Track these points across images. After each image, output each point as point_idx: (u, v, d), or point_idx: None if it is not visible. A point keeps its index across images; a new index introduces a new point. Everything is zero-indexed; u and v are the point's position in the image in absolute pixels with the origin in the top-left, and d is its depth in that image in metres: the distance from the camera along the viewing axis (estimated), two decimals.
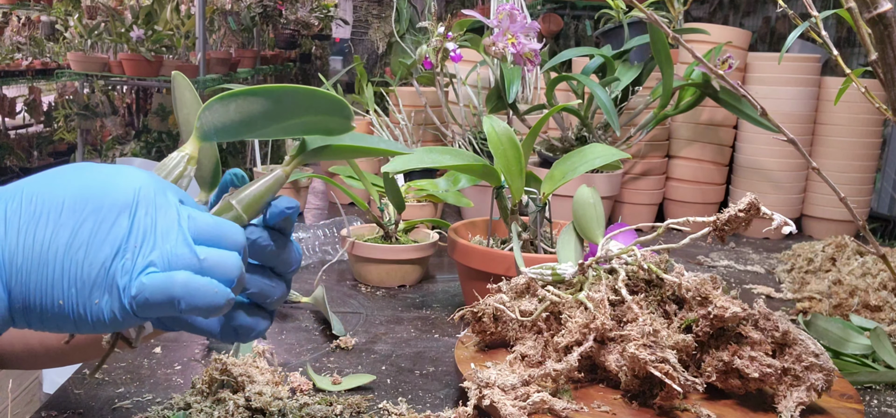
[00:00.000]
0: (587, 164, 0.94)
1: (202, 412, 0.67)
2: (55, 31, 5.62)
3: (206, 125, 0.47)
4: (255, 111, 0.47)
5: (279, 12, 5.45)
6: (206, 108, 0.47)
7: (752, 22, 3.75)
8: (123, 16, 3.75)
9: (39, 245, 0.40)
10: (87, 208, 0.40)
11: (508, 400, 0.62)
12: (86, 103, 4.25)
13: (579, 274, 0.75)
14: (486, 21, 1.23)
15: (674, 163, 1.64)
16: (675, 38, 0.79)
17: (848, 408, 0.66)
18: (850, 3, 0.66)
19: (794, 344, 0.65)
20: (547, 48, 1.80)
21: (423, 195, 1.37)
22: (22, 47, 5.33)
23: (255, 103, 0.47)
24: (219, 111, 0.47)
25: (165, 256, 0.41)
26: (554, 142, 1.52)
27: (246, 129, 0.48)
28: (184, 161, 0.48)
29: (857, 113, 1.53)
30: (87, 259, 0.40)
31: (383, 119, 1.58)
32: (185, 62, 3.77)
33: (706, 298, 0.67)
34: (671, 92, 1.41)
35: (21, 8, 5.02)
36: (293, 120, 0.48)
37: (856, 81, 0.77)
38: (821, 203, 1.58)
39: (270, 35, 5.67)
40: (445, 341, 0.93)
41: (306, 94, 0.47)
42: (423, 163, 0.93)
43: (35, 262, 0.40)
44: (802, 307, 1.05)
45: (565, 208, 1.24)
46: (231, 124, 0.47)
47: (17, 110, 5.67)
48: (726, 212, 0.68)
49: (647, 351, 0.62)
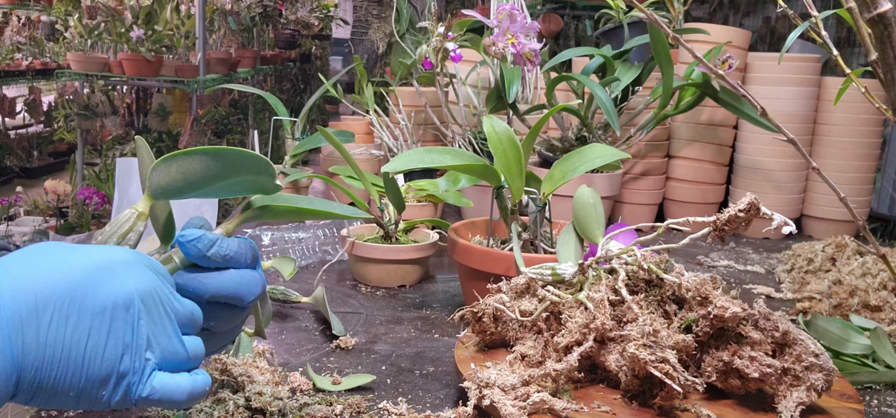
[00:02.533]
0: (587, 164, 0.94)
1: (202, 412, 0.67)
2: (55, 31, 5.61)
3: (154, 185, 0.51)
4: (195, 170, 0.51)
5: (279, 12, 5.45)
6: (154, 169, 0.51)
7: (752, 22, 3.74)
8: (123, 16, 3.75)
9: (58, 344, 0.43)
10: (88, 307, 0.44)
11: (508, 400, 0.62)
12: (86, 103, 4.25)
13: (579, 274, 0.75)
14: (486, 21, 1.23)
15: (674, 163, 1.64)
16: (675, 38, 0.79)
17: (848, 408, 0.66)
18: (850, 3, 0.66)
19: (794, 344, 0.65)
20: (547, 48, 1.80)
21: (423, 195, 1.37)
22: (22, 47, 5.33)
23: (194, 163, 0.50)
24: (163, 172, 0.51)
25: (164, 354, 0.47)
26: (554, 142, 1.52)
27: (188, 188, 0.52)
28: (133, 218, 0.52)
29: (857, 113, 1.53)
30: (102, 359, 0.44)
31: (383, 119, 1.58)
32: (185, 62, 3.77)
33: (706, 298, 0.67)
34: (671, 92, 1.41)
35: (21, 8, 5.02)
36: (230, 179, 0.52)
37: (856, 81, 0.77)
38: (821, 203, 1.58)
39: (270, 35, 5.67)
40: (445, 341, 0.93)
41: (237, 155, 0.50)
42: (424, 163, 0.93)
43: (52, 360, 0.43)
44: (802, 307, 1.05)
45: (565, 208, 1.24)
46: (174, 184, 0.51)
47: (17, 110, 5.67)
48: (726, 212, 0.68)
49: (647, 351, 0.62)
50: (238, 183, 0.53)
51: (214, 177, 0.51)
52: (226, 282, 0.52)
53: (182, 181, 0.51)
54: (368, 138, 1.78)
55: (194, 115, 3.84)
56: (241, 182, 0.53)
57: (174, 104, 4.81)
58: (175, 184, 0.51)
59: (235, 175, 0.52)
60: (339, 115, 2.27)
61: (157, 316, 0.46)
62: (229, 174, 0.51)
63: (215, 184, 0.52)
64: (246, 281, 0.53)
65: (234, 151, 0.50)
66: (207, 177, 0.51)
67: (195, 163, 0.50)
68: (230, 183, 0.52)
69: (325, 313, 0.95)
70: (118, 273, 0.45)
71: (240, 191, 0.54)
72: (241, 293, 0.52)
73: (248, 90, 1.81)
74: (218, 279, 0.52)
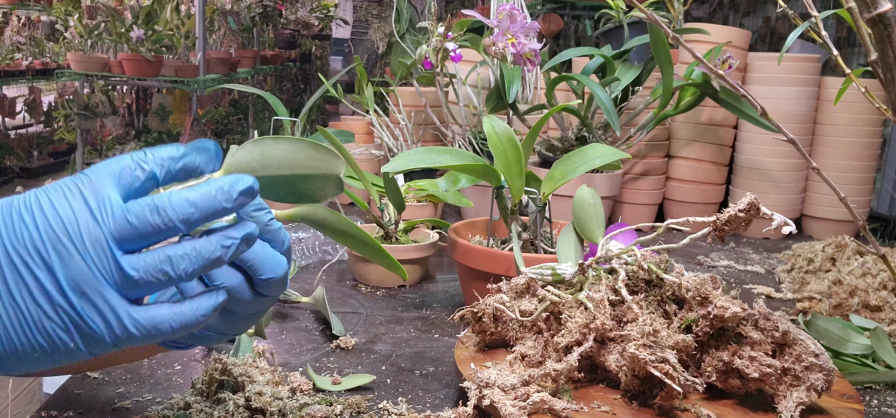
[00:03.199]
0: (587, 164, 0.94)
1: (202, 412, 0.67)
2: (55, 31, 5.62)
3: (234, 160, 0.52)
4: (274, 156, 0.52)
5: (279, 12, 5.45)
6: (241, 148, 0.52)
7: (752, 22, 3.75)
8: (123, 16, 3.75)
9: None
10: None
11: (508, 400, 0.62)
12: (86, 103, 4.25)
13: (579, 274, 0.75)
14: (486, 21, 1.23)
15: (674, 163, 1.64)
16: (675, 38, 0.79)
17: (848, 408, 0.66)
18: (850, 3, 0.66)
19: (794, 344, 0.65)
20: (547, 48, 1.80)
21: (423, 195, 1.37)
22: (22, 47, 5.33)
23: (276, 149, 0.52)
24: (247, 150, 0.52)
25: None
26: (554, 142, 1.52)
27: (263, 170, 0.52)
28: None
29: (857, 113, 1.53)
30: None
31: (383, 119, 1.58)
32: (185, 62, 3.77)
33: (706, 298, 0.67)
34: (671, 92, 1.41)
35: (21, 8, 5.02)
36: (301, 173, 0.53)
37: (856, 81, 0.77)
38: (821, 203, 1.58)
39: (270, 35, 5.67)
40: (445, 341, 0.93)
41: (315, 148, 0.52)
42: (424, 163, 0.93)
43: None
44: (802, 307, 1.05)
45: (565, 208, 1.24)
46: (251, 163, 0.52)
47: (17, 110, 5.67)
48: (726, 212, 0.68)
49: (647, 351, 0.62)
50: (305, 180, 0.53)
51: (289, 167, 0.52)
52: (256, 248, 0.51)
53: (259, 163, 0.52)
54: (368, 138, 1.78)
55: (194, 115, 3.84)
56: (308, 180, 0.53)
57: (174, 104, 4.82)
58: (252, 163, 0.52)
59: (309, 171, 0.52)
60: (339, 115, 2.28)
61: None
62: (303, 169, 0.52)
63: (287, 173, 0.52)
64: (272, 259, 0.51)
65: (314, 143, 0.52)
66: (283, 164, 0.52)
67: (277, 149, 0.52)
68: (298, 177, 0.53)
69: (325, 313, 0.95)
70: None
71: (298, 194, 0.54)
72: (264, 266, 0.51)
73: (248, 90, 1.81)
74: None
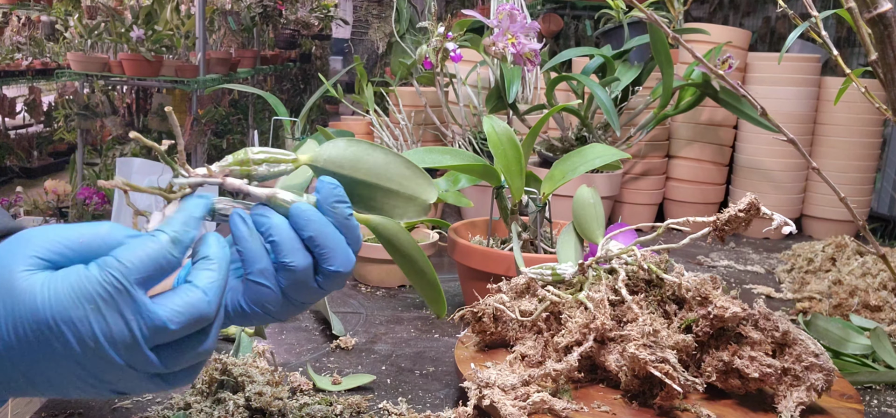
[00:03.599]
0: (587, 164, 0.94)
1: (202, 412, 0.67)
2: (55, 31, 5.62)
3: (324, 152, 0.51)
4: (366, 161, 0.51)
5: (279, 12, 5.45)
6: (332, 141, 0.51)
7: (752, 22, 3.74)
8: (123, 16, 3.75)
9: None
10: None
11: (508, 400, 0.62)
12: (86, 103, 4.25)
13: (579, 274, 0.75)
14: (486, 21, 1.23)
15: (674, 163, 1.64)
16: (675, 38, 0.79)
17: (848, 408, 0.66)
18: (850, 3, 0.66)
19: (794, 344, 0.65)
20: (547, 48, 1.80)
21: None
22: (22, 47, 5.33)
23: (371, 155, 0.51)
24: (340, 146, 0.51)
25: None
26: (554, 142, 1.52)
27: (351, 171, 0.51)
28: (289, 161, 0.51)
29: (857, 113, 1.53)
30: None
31: (383, 119, 1.58)
32: (185, 62, 3.77)
33: (706, 298, 0.67)
34: (671, 92, 1.41)
35: (21, 8, 5.02)
36: (386, 187, 0.52)
37: (856, 81, 0.77)
38: (821, 203, 1.58)
39: (270, 35, 5.67)
40: (445, 341, 0.93)
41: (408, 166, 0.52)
42: (424, 163, 0.93)
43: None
44: (802, 307, 1.05)
45: (565, 208, 1.24)
46: (341, 160, 0.51)
47: (17, 110, 5.67)
48: (726, 212, 0.68)
49: (647, 351, 0.62)
50: (390, 194, 0.52)
51: (378, 176, 0.51)
52: (333, 236, 0.50)
53: (350, 162, 0.50)
54: (368, 138, 1.78)
55: (194, 115, 3.84)
56: (392, 195, 0.52)
57: (174, 104, 4.81)
58: (342, 160, 0.50)
59: (398, 187, 0.51)
60: (339, 115, 2.28)
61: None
62: (392, 184, 0.51)
63: (374, 181, 0.51)
64: (344, 253, 0.51)
65: (412, 163, 0.51)
66: (373, 172, 0.50)
67: (373, 155, 0.50)
68: (384, 189, 0.51)
69: (325, 313, 0.95)
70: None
71: (377, 205, 0.53)
72: (336, 257, 0.50)
73: (248, 90, 1.81)
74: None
